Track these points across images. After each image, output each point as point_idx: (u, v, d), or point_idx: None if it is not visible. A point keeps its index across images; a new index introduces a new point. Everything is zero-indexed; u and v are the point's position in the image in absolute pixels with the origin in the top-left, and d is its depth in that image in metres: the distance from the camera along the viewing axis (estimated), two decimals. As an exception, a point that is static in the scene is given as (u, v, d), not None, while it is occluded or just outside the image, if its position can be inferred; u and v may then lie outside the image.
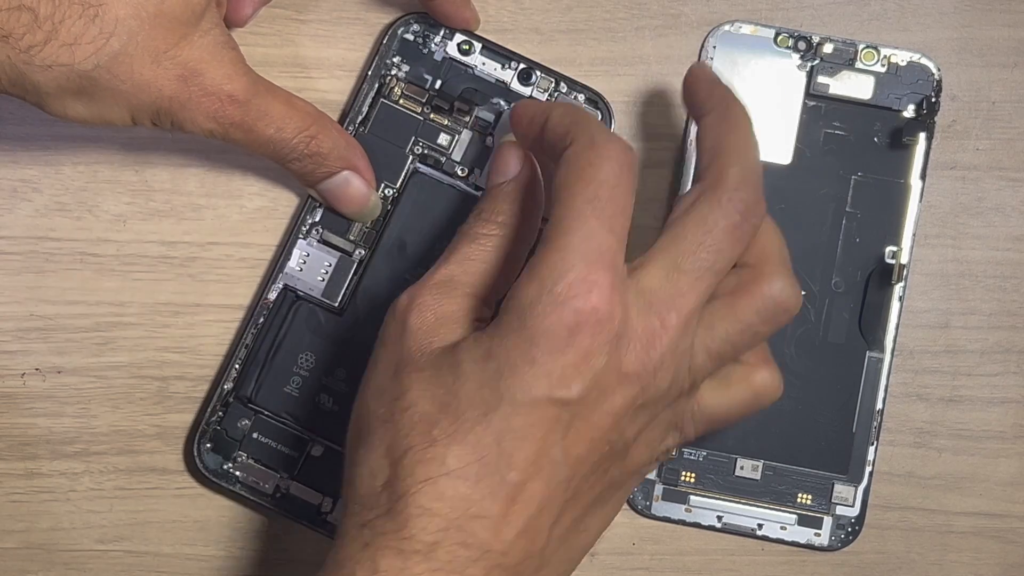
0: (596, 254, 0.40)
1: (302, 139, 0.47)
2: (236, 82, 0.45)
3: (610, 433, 0.41)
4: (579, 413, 0.40)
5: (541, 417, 0.39)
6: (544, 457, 0.40)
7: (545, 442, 0.40)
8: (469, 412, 0.40)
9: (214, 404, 0.50)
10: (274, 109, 0.46)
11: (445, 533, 0.39)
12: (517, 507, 0.40)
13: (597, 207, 0.41)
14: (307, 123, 0.47)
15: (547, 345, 0.39)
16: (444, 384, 0.41)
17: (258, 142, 0.47)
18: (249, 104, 0.46)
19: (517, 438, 0.39)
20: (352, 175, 0.48)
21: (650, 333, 0.41)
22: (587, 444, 0.41)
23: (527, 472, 0.39)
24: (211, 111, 0.45)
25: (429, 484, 0.39)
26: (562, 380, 0.39)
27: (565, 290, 0.40)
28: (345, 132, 0.49)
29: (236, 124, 0.46)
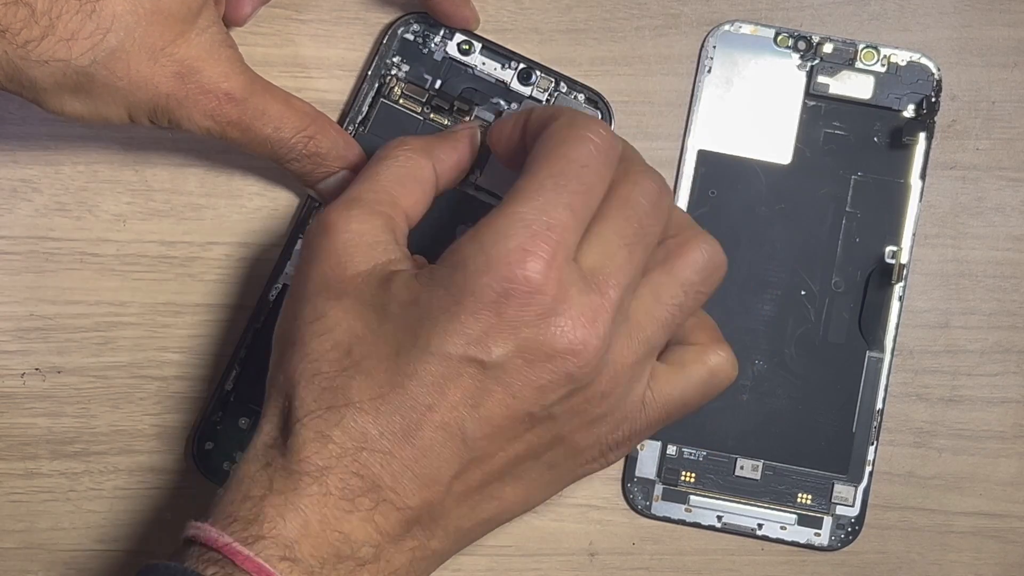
0: (543, 226, 0.40)
1: (300, 139, 0.47)
2: (233, 80, 0.45)
3: (531, 405, 0.41)
4: (497, 377, 0.40)
5: (452, 371, 0.40)
6: (448, 409, 0.40)
7: (451, 395, 0.40)
8: (384, 349, 0.40)
9: (214, 404, 0.50)
10: (272, 108, 0.46)
11: (339, 460, 0.39)
12: (410, 448, 0.40)
13: (559, 182, 0.41)
14: (305, 123, 0.47)
15: (472, 305, 0.40)
16: (363, 318, 0.41)
17: (255, 141, 0.47)
18: (246, 102, 0.46)
19: (423, 384, 0.40)
20: (351, 174, 0.48)
21: (592, 310, 0.40)
22: (502, 409, 0.40)
23: (426, 417, 0.40)
24: (208, 109, 0.45)
25: (330, 411, 0.40)
26: (481, 341, 0.40)
27: (501, 255, 0.40)
28: (343, 131, 0.49)
29: (233, 123, 0.46)
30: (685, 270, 0.43)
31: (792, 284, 0.51)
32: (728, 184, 0.51)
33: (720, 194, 0.51)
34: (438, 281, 0.40)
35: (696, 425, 0.51)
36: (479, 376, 0.40)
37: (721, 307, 0.51)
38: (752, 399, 0.51)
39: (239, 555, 0.38)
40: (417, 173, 0.45)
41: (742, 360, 0.51)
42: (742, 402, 0.51)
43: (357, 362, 0.40)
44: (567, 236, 0.40)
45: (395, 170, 0.45)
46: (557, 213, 0.40)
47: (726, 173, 0.51)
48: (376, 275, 0.42)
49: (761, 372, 0.51)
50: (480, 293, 0.40)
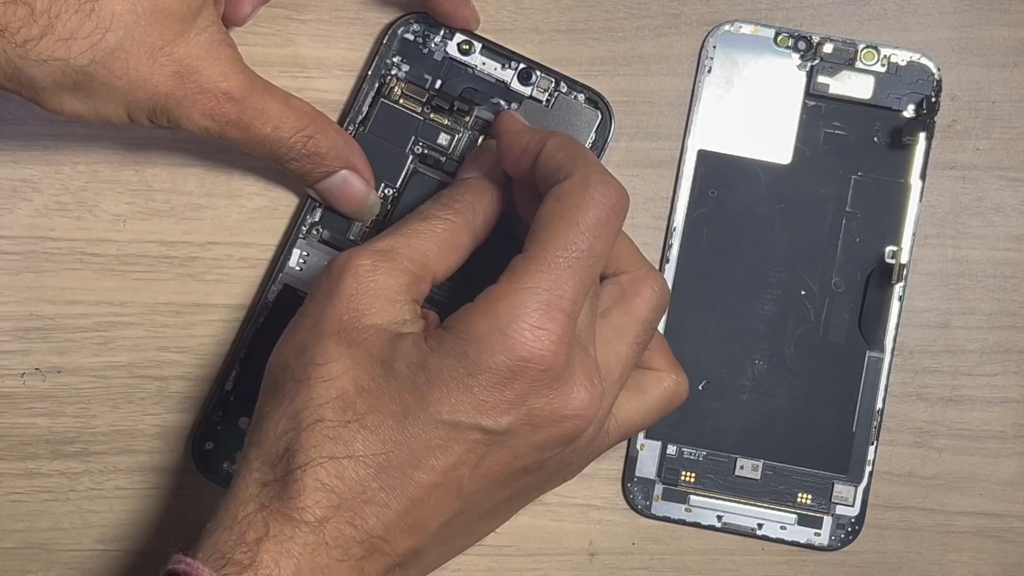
0: (557, 302, 0.41)
1: (299, 138, 0.47)
2: (232, 79, 0.45)
3: (530, 462, 0.42)
4: (502, 441, 0.41)
5: (460, 439, 0.41)
6: (452, 471, 0.41)
7: (458, 460, 0.41)
8: (389, 407, 0.41)
9: (214, 404, 0.50)
10: (271, 108, 0.46)
11: (337, 511, 0.40)
12: (408, 502, 0.40)
13: (572, 255, 0.41)
14: (304, 122, 0.47)
15: (486, 380, 0.40)
16: (371, 372, 0.41)
17: (255, 141, 0.46)
18: (245, 102, 0.45)
19: (430, 448, 0.40)
20: (350, 174, 0.48)
21: (589, 372, 0.42)
22: (502, 468, 0.42)
23: (427, 476, 0.40)
24: (207, 108, 0.45)
25: (332, 462, 0.40)
26: (493, 412, 0.40)
27: (516, 334, 0.40)
28: (343, 131, 0.49)
29: (232, 122, 0.46)
30: (643, 308, 0.44)
31: (792, 284, 0.51)
32: (728, 184, 0.51)
33: (720, 194, 0.51)
34: (449, 350, 0.41)
35: (696, 425, 0.51)
36: (485, 441, 0.41)
37: (721, 307, 0.51)
38: (752, 399, 0.51)
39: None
40: (458, 240, 0.45)
41: (742, 360, 0.51)
42: (742, 402, 0.51)
43: (361, 416, 0.40)
44: (576, 307, 0.41)
45: (438, 234, 0.44)
46: (568, 288, 0.41)
47: (726, 173, 0.51)
48: (388, 331, 0.42)
49: (761, 372, 0.51)
50: (495, 369, 0.40)
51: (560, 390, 0.41)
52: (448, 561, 0.45)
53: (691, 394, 0.51)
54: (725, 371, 0.51)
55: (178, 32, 0.44)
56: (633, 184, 0.51)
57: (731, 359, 0.51)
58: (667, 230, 0.51)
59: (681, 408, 0.50)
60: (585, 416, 0.42)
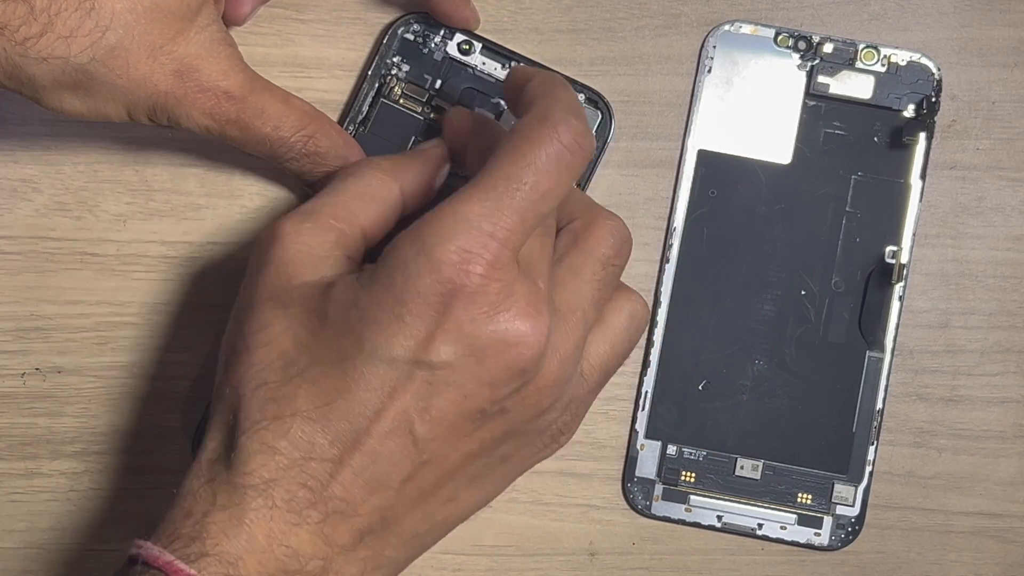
0: (490, 228, 0.39)
1: (299, 138, 0.47)
2: (232, 78, 0.45)
3: (483, 402, 0.40)
4: (446, 377, 0.39)
5: (400, 374, 0.39)
6: (397, 413, 0.39)
7: (400, 399, 0.39)
8: (328, 356, 0.40)
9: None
10: (271, 107, 0.46)
11: (285, 472, 0.39)
12: (359, 455, 0.39)
13: (514, 187, 0.40)
14: (305, 122, 0.47)
15: (416, 307, 0.39)
16: (307, 325, 0.40)
17: (255, 140, 0.46)
18: (245, 101, 0.45)
19: (370, 389, 0.39)
20: None
21: (534, 302, 0.40)
22: (453, 408, 0.40)
23: (374, 423, 0.39)
24: (207, 107, 0.45)
25: (276, 422, 0.39)
26: (428, 343, 0.39)
27: (442, 255, 0.39)
28: (343, 131, 0.49)
29: (232, 121, 0.46)
30: (597, 246, 0.43)
31: (792, 284, 0.51)
32: (728, 184, 0.51)
33: (720, 194, 0.51)
34: (378, 282, 0.40)
35: (696, 425, 0.51)
36: (428, 378, 0.39)
37: (721, 307, 0.51)
38: (752, 399, 0.51)
39: (180, 573, 0.37)
40: (381, 192, 0.44)
41: (742, 360, 0.51)
42: (742, 402, 0.51)
43: (303, 371, 0.40)
44: (513, 237, 0.40)
45: (358, 187, 0.44)
46: (506, 218, 0.39)
47: (726, 173, 0.51)
48: (321, 284, 0.41)
49: (761, 372, 0.51)
50: (425, 295, 0.39)
51: (499, 318, 0.39)
52: (437, 539, 0.43)
53: (691, 394, 0.51)
54: (725, 371, 0.51)
55: (178, 31, 0.44)
56: (633, 184, 0.51)
57: (731, 359, 0.51)
58: (667, 230, 0.51)
59: (681, 408, 0.51)
60: (530, 343, 0.40)
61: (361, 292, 0.40)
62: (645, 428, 0.51)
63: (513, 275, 0.40)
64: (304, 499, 0.39)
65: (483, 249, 0.39)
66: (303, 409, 0.39)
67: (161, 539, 0.39)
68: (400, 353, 0.39)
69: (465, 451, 0.41)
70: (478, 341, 0.39)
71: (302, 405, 0.39)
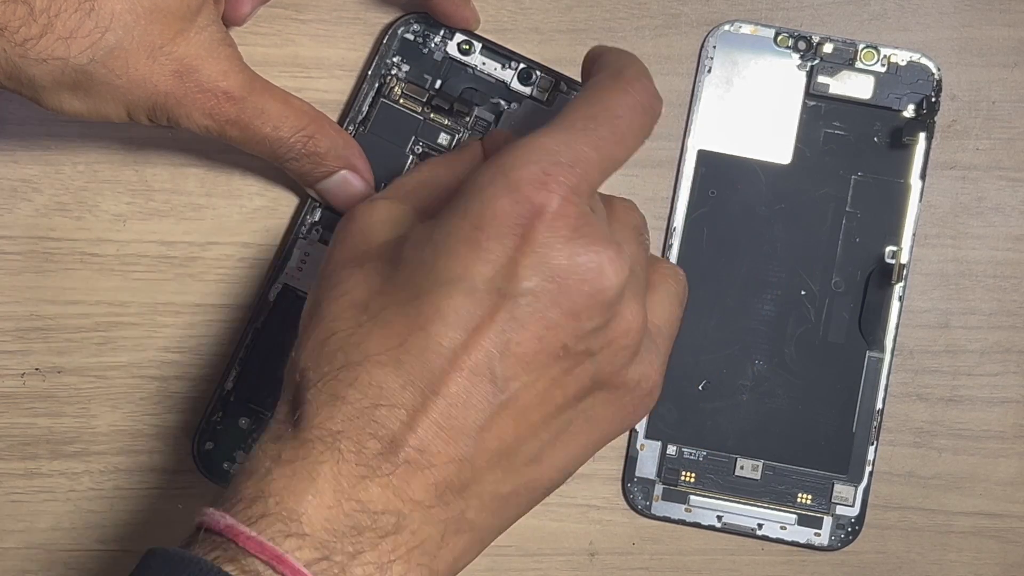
0: (568, 159, 0.38)
1: (299, 138, 0.47)
2: (232, 79, 0.45)
3: (567, 335, 0.37)
4: (529, 306, 0.37)
5: (479, 304, 0.36)
6: (477, 349, 0.36)
7: (479, 333, 0.36)
8: (401, 295, 0.37)
9: (214, 404, 0.50)
10: (271, 107, 0.46)
11: (353, 422, 0.36)
12: (434, 399, 0.36)
13: (590, 126, 0.39)
14: (304, 122, 0.47)
15: (494, 230, 0.37)
16: (382, 272, 0.39)
17: (254, 140, 0.46)
18: (245, 101, 0.46)
19: (447, 323, 0.36)
20: (350, 174, 0.48)
21: (610, 238, 0.38)
22: (535, 343, 0.37)
23: (452, 361, 0.36)
24: (207, 108, 0.45)
25: (345, 370, 0.37)
26: (508, 268, 0.37)
27: (523, 179, 0.37)
28: (343, 131, 0.49)
29: (232, 121, 0.46)
30: (628, 217, 0.42)
31: (792, 284, 0.51)
32: (728, 184, 0.51)
33: (720, 194, 0.51)
34: (454, 211, 0.37)
35: (696, 425, 0.51)
36: (509, 307, 0.36)
37: (721, 307, 0.51)
38: (752, 399, 0.51)
39: (241, 535, 0.35)
40: (442, 181, 0.44)
41: (742, 360, 0.51)
42: (742, 402, 0.51)
43: (375, 315, 0.37)
44: (591, 172, 0.38)
45: (420, 175, 0.45)
46: (583, 151, 0.38)
47: (726, 173, 0.51)
48: (397, 239, 0.40)
49: (761, 372, 0.51)
50: (503, 217, 0.37)
51: (578, 244, 0.37)
52: (521, 511, 0.40)
53: (691, 394, 0.51)
54: (725, 371, 0.51)
55: (177, 31, 0.44)
56: (633, 184, 0.51)
57: (731, 359, 0.51)
58: (667, 230, 0.51)
59: (681, 408, 0.51)
60: (611, 273, 0.37)
61: (436, 226, 0.38)
62: (645, 428, 0.51)
63: (588, 208, 0.38)
64: (374, 449, 0.36)
65: (564, 174, 0.37)
66: (374, 352, 0.36)
67: (224, 503, 0.36)
68: (478, 281, 0.36)
69: (549, 400, 0.38)
70: (561, 267, 0.37)
71: (373, 348, 0.37)
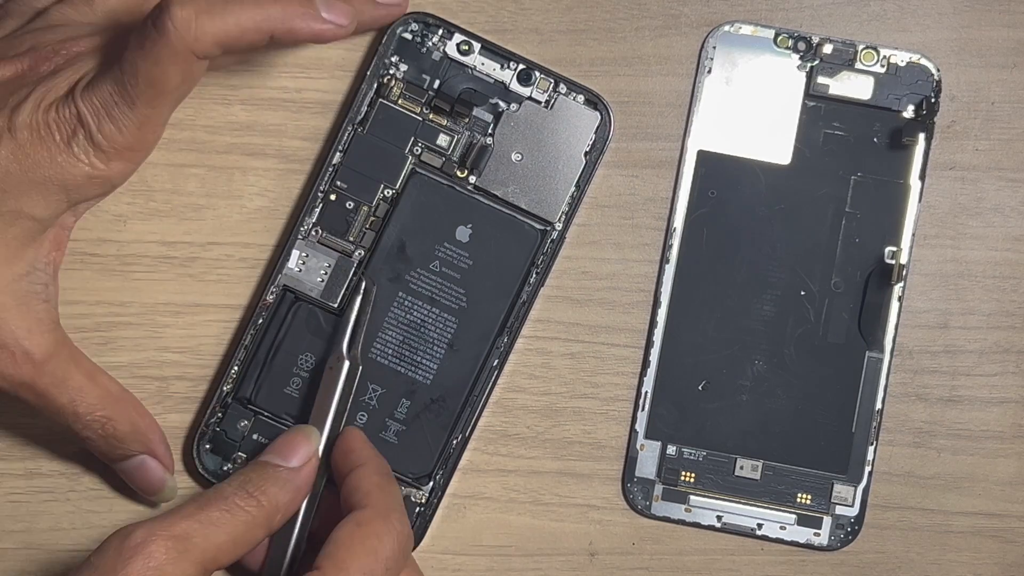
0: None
1: (97, 419, 0.46)
2: (37, 338, 0.44)
3: None
4: None
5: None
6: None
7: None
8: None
9: (213, 405, 0.50)
10: (73, 378, 0.45)
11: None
12: None
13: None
14: (105, 403, 0.46)
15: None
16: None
17: (50, 409, 0.45)
18: (45, 365, 0.44)
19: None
20: (148, 459, 0.48)
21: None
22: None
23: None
24: (0, 365, 0.43)
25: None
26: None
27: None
28: (146, 412, 0.48)
29: (27, 384, 0.44)
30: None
31: (792, 284, 0.51)
32: (728, 184, 0.51)
33: (720, 194, 0.51)
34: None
35: (696, 425, 0.51)
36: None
37: (721, 307, 0.51)
38: (752, 399, 0.51)
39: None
40: (253, 536, 0.44)
41: (742, 360, 0.51)
42: (742, 402, 0.51)
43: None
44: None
45: (236, 528, 0.43)
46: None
47: (726, 173, 0.51)
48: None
49: (761, 372, 0.51)
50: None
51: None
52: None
53: (691, 394, 0.51)
54: (725, 371, 0.51)
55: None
56: (633, 184, 0.51)
57: (731, 359, 0.51)
58: (667, 230, 0.51)
59: (681, 408, 0.51)
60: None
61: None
62: (645, 428, 0.51)
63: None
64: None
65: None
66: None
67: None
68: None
69: None
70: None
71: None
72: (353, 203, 0.50)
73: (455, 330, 0.50)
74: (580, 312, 0.51)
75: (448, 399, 0.50)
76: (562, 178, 0.50)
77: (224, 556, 0.43)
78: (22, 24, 0.46)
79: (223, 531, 0.43)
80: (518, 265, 0.50)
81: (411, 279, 0.50)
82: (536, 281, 0.50)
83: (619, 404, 0.51)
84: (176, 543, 0.41)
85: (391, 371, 0.50)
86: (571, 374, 0.51)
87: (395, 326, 0.50)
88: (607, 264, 0.51)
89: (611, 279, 0.51)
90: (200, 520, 0.42)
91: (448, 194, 0.50)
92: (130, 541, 0.41)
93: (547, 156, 0.50)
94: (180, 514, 0.42)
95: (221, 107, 0.51)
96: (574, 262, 0.51)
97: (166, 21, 0.41)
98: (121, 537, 0.41)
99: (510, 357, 0.50)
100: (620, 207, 0.51)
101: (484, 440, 0.51)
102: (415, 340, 0.50)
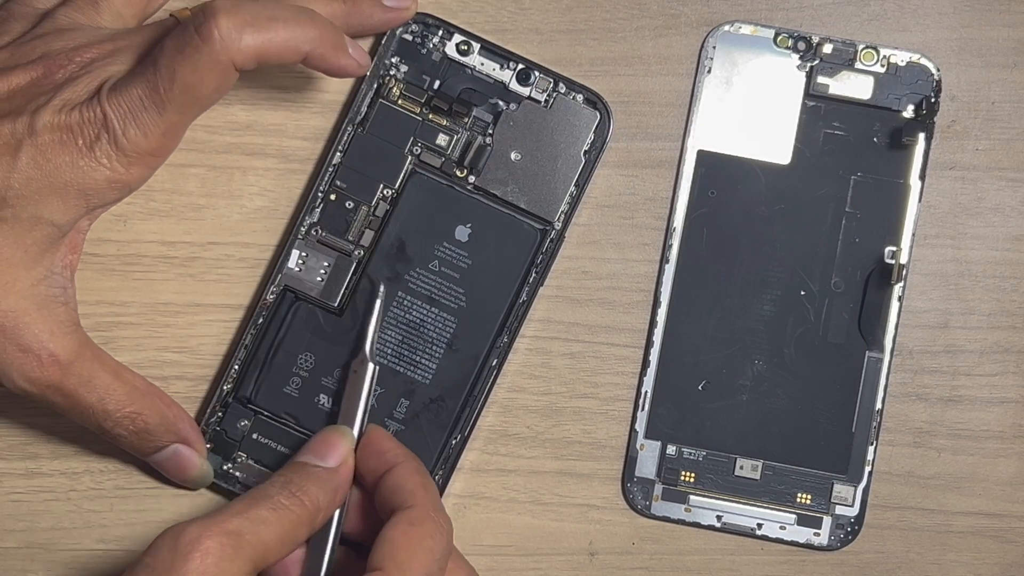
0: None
1: (127, 415, 0.46)
2: (60, 340, 0.44)
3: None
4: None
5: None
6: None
7: None
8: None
9: (213, 405, 0.50)
10: (99, 377, 0.45)
11: None
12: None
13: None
14: (132, 398, 0.46)
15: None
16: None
17: (78, 409, 0.45)
18: (72, 366, 0.44)
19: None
20: (181, 447, 0.48)
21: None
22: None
23: None
24: (25, 369, 0.43)
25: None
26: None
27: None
28: (173, 403, 0.48)
29: (55, 387, 0.44)
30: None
31: (792, 284, 0.51)
32: (728, 184, 0.51)
33: (720, 194, 0.51)
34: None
35: (696, 425, 0.51)
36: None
37: (721, 307, 0.51)
38: (752, 399, 0.51)
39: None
40: (298, 535, 0.44)
41: (742, 360, 0.51)
42: (742, 402, 0.51)
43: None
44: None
45: (283, 527, 0.44)
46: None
47: (726, 173, 0.51)
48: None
49: (761, 372, 0.51)
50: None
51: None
52: None
53: (691, 394, 0.51)
54: (725, 371, 0.51)
55: (10, 279, 0.43)
56: (633, 184, 0.51)
57: (731, 359, 0.51)
58: (667, 230, 0.51)
59: (681, 408, 0.51)
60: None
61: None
62: (645, 428, 0.51)
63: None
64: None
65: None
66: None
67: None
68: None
69: None
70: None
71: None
72: (353, 203, 0.50)
73: (454, 330, 0.50)
74: (580, 312, 0.51)
75: (447, 399, 0.50)
76: (561, 178, 0.50)
77: (272, 554, 0.43)
78: (28, 28, 0.46)
79: (272, 529, 0.43)
80: (517, 265, 0.50)
81: (410, 279, 0.50)
82: (535, 281, 0.50)
83: (619, 404, 0.51)
84: (230, 539, 0.42)
85: (390, 371, 0.50)
86: (571, 374, 0.51)
87: (394, 326, 0.50)
88: (607, 264, 0.51)
89: (611, 279, 0.51)
90: (250, 518, 0.43)
91: (447, 194, 0.50)
92: (184, 538, 0.41)
93: (546, 156, 0.50)
94: (230, 512, 0.43)
95: (221, 107, 0.51)
96: (574, 262, 0.51)
97: (212, 29, 0.42)
98: (173, 535, 0.41)
99: (510, 357, 0.50)
100: (620, 207, 0.51)
101: (484, 440, 0.51)
102: (414, 340, 0.50)
